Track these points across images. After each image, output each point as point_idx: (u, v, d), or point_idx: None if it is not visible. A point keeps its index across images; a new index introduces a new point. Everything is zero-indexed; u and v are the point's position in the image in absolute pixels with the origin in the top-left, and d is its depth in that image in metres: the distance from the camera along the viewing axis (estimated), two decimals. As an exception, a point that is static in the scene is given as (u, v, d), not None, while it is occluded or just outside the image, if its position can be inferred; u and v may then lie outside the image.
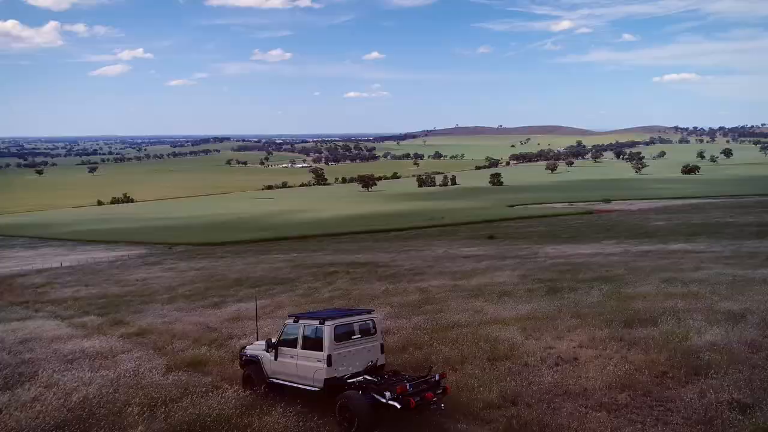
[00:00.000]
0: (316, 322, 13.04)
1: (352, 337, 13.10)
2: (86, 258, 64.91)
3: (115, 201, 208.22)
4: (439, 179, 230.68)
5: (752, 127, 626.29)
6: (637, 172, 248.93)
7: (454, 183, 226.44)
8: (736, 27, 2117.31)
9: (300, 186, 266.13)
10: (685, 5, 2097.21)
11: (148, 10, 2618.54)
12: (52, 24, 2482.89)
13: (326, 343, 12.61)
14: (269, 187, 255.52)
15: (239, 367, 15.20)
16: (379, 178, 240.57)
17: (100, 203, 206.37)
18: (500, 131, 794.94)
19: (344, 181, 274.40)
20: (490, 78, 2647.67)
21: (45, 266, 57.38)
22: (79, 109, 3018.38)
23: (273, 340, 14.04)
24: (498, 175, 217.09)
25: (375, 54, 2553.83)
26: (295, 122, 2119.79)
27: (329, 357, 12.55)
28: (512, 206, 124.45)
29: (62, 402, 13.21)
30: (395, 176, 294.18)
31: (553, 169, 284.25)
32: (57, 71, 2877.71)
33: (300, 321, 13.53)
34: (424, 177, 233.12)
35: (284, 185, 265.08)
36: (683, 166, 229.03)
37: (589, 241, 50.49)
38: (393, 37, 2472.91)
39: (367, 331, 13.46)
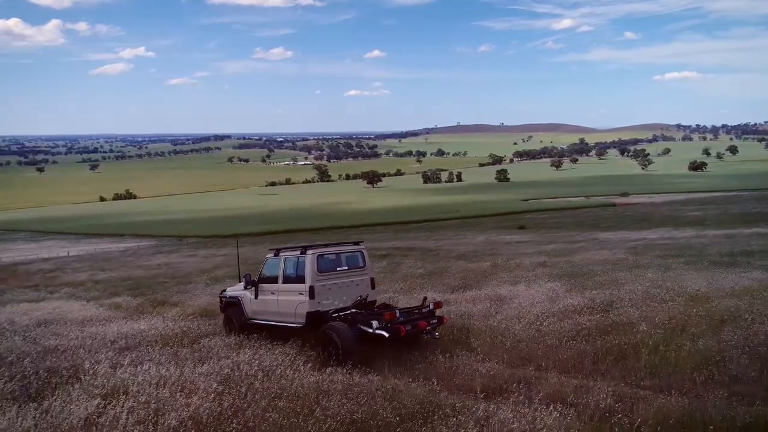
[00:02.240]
0: (297, 252, 12.22)
1: (338, 269, 12.32)
2: (94, 248, 62.09)
3: (117, 197, 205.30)
4: (444, 176, 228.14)
5: (755, 124, 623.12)
6: (643, 168, 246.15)
7: (459, 179, 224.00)
8: (737, 25, 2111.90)
9: (303, 183, 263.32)
10: (686, 3, 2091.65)
11: (150, 9, 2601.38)
12: (54, 22, 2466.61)
13: (308, 273, 11.79)
14: (272, 184, 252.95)
15: (220, 311, 14.24)
16: (384, 175, 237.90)
17: (102, 199, 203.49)
18: (502, 129, 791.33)
19: (348, 177, 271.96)
20: (491, 76, 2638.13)
21: (51, 255, 54.52)
22: (80, 107, 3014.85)
23: (252, 278, 13.21)
24: (504, 171, 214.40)
25: (376, 52, 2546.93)
26: (296, 121, 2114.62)
27: (311, 288, 11.72)
28: (526, 200, 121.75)
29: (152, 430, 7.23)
30: (399, 173, 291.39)
31: (558, 166, 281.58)
32: (58, 70, 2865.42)
33: (281, 254, 12.68)
34: (429, 173, 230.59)
35: (287, 182, 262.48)
36: (690, 163, 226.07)
37: (639, 229, 47.54)
38: (394, 36, 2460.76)
39: (355, 264, 12.62)
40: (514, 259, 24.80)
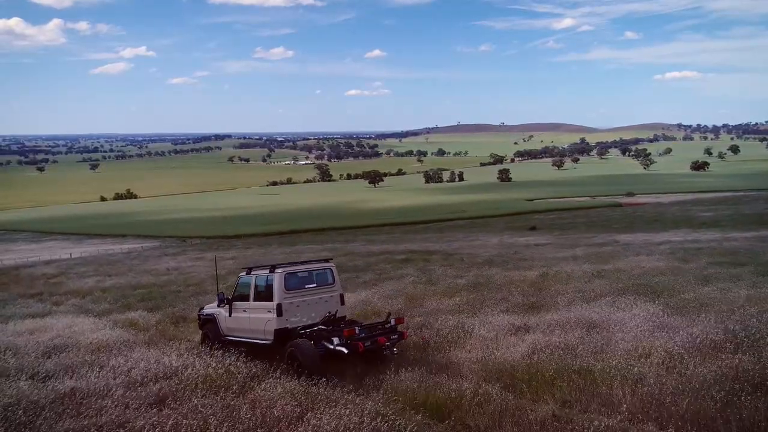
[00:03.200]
0: (267, 271, 12.46)
1: (306, 287, 12.48)
2: (96, 250, 60.66)
3: (118, 197, 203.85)
4: (446, 175, 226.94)
5: (756, 124, 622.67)
6: (645, 168, 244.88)
7: (461, 179, 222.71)
8: (737, 25, 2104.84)
9: (305, 182, 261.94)
10: (687, 3, 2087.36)
11: (151, 9, 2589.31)
12: (55, 22, 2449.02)
13: (276, 291, 12.02)
14: (274, 183, 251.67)
15: (199, 328, 14.32)
16: (385, 175, 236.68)
17: (103, 199, 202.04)
18: (502, 129, 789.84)
19: (349, 177, 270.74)
20: (492, 76, 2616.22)
21: (53, 257, 52.99)
22: (80, 107, 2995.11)
23: (225, 295, 13.57)
24: (506, 171, 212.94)
25: (376, 52, 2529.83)
26: (297, 120, 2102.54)
27: (279, 306, 11.92)
28: (531, 200, 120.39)
29: None
30: (400, 173, 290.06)
31: (559, 165, 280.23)
32: (59, 69, 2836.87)
33: (253, 272, 12.98)
34: (431, 173, 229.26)
35: (289, 181, 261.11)
36: (692, 163, 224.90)
37: (655, 230, 46.41)
38: (394, 36, 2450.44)
39: (324, 281, 12.81)
40: (553, 266, 23.26)
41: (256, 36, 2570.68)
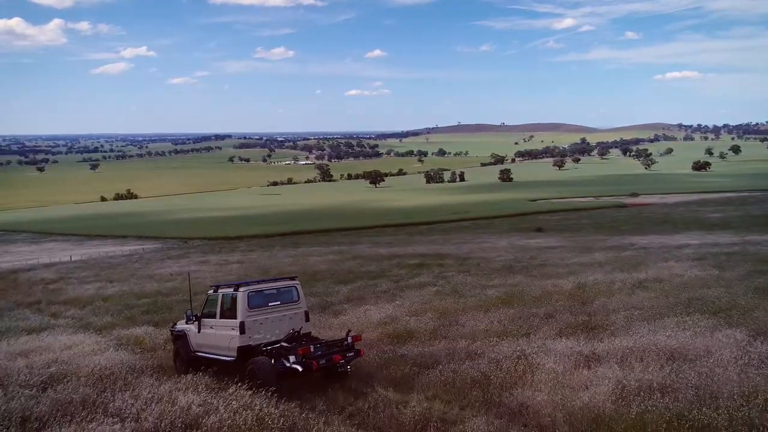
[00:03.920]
0: (231, 289, 12.77)
1: (270, 304, 12.72)
2: (97, 252, 59.82)
3: (118, 197, 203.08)
4: (447, 176, 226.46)
5: (756, 124, 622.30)
6: (646, 168, 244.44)
7: (462, 179, 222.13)
8: (737, 25, 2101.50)
9: (305, 182, 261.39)
10: (687, 3, 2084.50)
11: (151, 9, 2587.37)
12: (56, 22, 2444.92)
13: (240, 309, 12.31)
14: (274, 184, 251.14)
15: (172, 343, 14.56)
16: (386, 175, 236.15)
17: (103, 199, 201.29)
18: (503, 129, 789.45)
19: (350, 177, 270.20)
20: (492, 76, 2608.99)
21: (52, 260, 52.24)
22: (80, 107, 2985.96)
23: (193, 313, 13.91)
24: (507, 171, 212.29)
25: (377, 52, 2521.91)
26: (297, 120, 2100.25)
27: (242, 324, 12.24)
28: (534, 200, 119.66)
29: None
30: (401, 173, 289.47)
31: (560, 165, 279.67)
32: (59, 69, 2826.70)
33: (219, 290, 13.30)
34: (432, 173, 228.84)
35: (289, 182, 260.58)
36: (694, 163, 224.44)
37: (667, 232, 45.80)
38: (394, 36, 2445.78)
39: (289, 299, 13.07)
40: (581, 274, 22.18)
41: (256, 36, 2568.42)
